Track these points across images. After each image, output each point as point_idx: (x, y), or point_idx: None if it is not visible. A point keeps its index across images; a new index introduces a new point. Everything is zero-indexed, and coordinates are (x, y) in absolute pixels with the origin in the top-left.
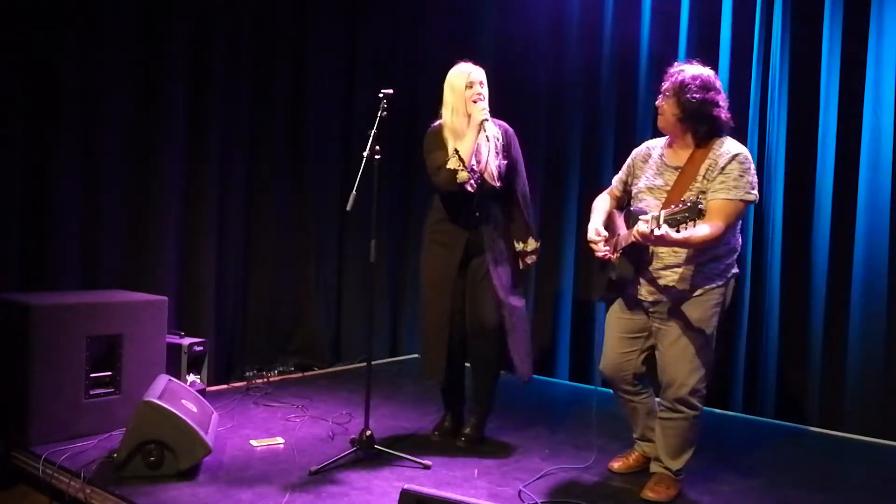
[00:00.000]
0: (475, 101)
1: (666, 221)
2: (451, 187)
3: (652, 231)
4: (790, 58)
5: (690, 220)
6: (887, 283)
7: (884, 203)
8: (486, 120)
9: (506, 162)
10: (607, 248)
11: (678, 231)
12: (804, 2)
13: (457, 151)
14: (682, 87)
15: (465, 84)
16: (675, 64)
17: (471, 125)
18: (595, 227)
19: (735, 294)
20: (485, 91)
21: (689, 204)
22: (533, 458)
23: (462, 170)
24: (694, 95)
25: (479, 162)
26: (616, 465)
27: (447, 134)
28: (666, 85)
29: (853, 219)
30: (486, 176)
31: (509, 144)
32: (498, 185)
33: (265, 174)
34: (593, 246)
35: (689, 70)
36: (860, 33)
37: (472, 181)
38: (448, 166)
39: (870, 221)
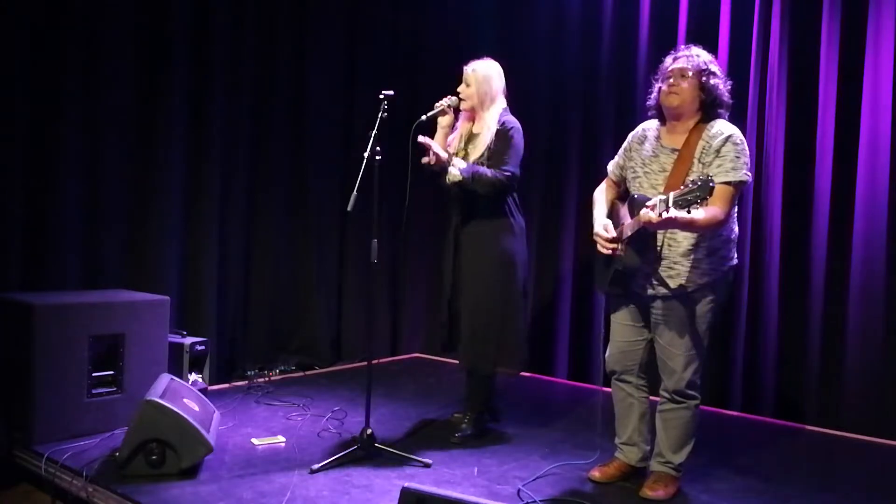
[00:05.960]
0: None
1: (675, 203)
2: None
3: (660, 214)
4: (789, 50)
5: (703, 199)
6: (885, 281)
7: (881, 201)
8: (439, 111)
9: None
10: (613, 245)
11: (689, 212)
12: None
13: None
14: (705, 70)
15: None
16: (683, 46)
17: None
18: (603, 223)
19: (733, 292)
20: (465, 87)
21: (699, 183)
22: (533, 457)
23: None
24: (716, 79)
25: (440, 154)
26: (596, 474)
27: None
28: (683, 64)
29: (851, 218)
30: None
31: (501, 136)
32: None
33: (266, 174)
34: (599, 241)
35: (704, 54)
36: (858, 25)
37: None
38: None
39: (868, 220)
